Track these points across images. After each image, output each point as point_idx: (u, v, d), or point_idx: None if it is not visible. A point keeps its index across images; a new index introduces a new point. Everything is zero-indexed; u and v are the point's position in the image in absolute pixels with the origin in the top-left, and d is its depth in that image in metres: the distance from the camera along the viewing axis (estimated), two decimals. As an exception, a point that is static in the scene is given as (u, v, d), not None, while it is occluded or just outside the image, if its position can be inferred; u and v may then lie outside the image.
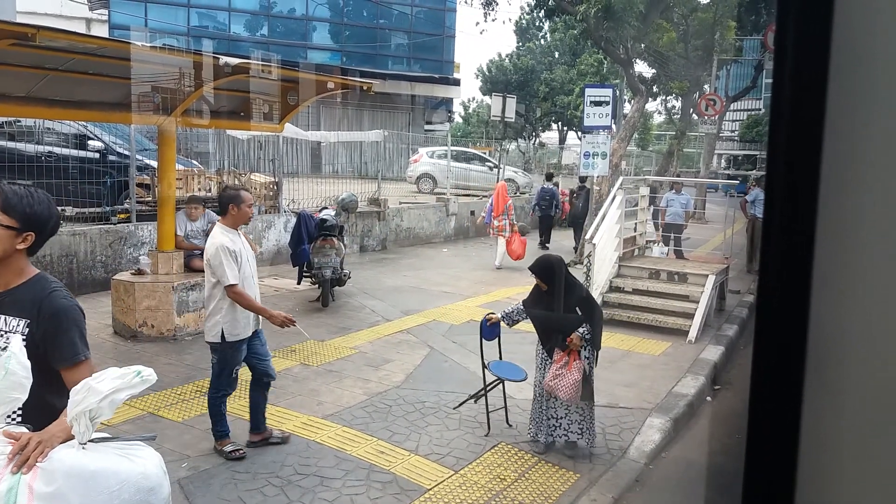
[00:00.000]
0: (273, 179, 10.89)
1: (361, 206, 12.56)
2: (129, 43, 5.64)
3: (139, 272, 6.92)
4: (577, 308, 4.63)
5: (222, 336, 4.19)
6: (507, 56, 44.56)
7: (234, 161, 12.79)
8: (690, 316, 7.72)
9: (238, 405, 5.09)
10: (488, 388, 4.98)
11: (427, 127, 28.98)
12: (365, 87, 7.30)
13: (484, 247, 14.41)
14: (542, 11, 15.19)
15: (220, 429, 4.37)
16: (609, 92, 11.85)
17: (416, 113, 29.64)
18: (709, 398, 6.14)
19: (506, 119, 17.03)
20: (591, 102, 11.71)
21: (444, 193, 15.54)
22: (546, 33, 44.99)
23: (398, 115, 28.72)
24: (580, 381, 4.47)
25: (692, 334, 7.44)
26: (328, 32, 31.46)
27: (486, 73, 44.17)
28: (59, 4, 34.82)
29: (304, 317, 7.77)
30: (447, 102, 32.38)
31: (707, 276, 8.12)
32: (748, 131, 47.60)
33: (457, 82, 30.95)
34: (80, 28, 34.11)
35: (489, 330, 5.13)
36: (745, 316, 8.90)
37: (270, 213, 10.67)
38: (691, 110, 20.73)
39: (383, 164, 14.30)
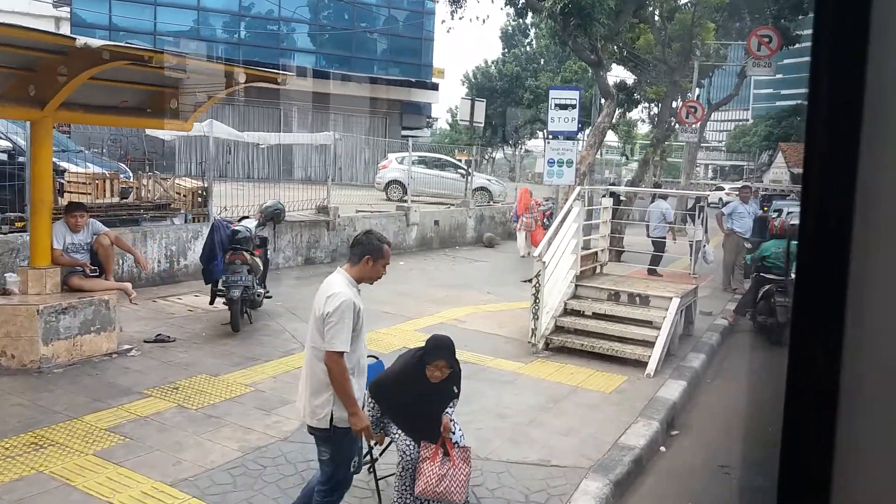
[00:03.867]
0: (202, 185, 9.90)
1: (308, 215, 11.59)
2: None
3: (5, 292, 5.92)
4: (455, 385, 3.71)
5: (331, 421, 3.11)
6: (492, 63, 44.00)
7: (172, 165, 11.81)
8: (651, 344, 6.80)
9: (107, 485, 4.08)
10: (374, 453, 3.98)
11: (404, 132, 28.02)
12: (279, 80, 6.35)
13: (446, 259, 13.48)
14: (513, 9, 14.28)
15: None
16: (576, 94, 10.96)
17: (392, 117, 28.74)
18: (662, 448, 5.21)
19: (475, 124, 16.15)
20: (556, 105, 10.82)
21: (406, 202, 14.58)
22: (532, 40, 44.41)
23: (375, 119, 27.83)
24: (470, 472, 3.58)
25: (650, 367, 6.51)
26: (307, 34, 30.53)
27: (472, 80, 43.51)
28: (27, 2, 33.78)
29: (208, 343, 6.77)
30: (425, 107, 31.49)
31: (671, 298, 7.21)
32: (735, 141, 47.08)
33: (434, 86, 30.09)
34: (49, 27, 32.99)
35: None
36: (716, 342, 7.99)
37: (199, 221, 9.68)
38: (671, 118, 19.96)
39: (349, 169, 13.36)
